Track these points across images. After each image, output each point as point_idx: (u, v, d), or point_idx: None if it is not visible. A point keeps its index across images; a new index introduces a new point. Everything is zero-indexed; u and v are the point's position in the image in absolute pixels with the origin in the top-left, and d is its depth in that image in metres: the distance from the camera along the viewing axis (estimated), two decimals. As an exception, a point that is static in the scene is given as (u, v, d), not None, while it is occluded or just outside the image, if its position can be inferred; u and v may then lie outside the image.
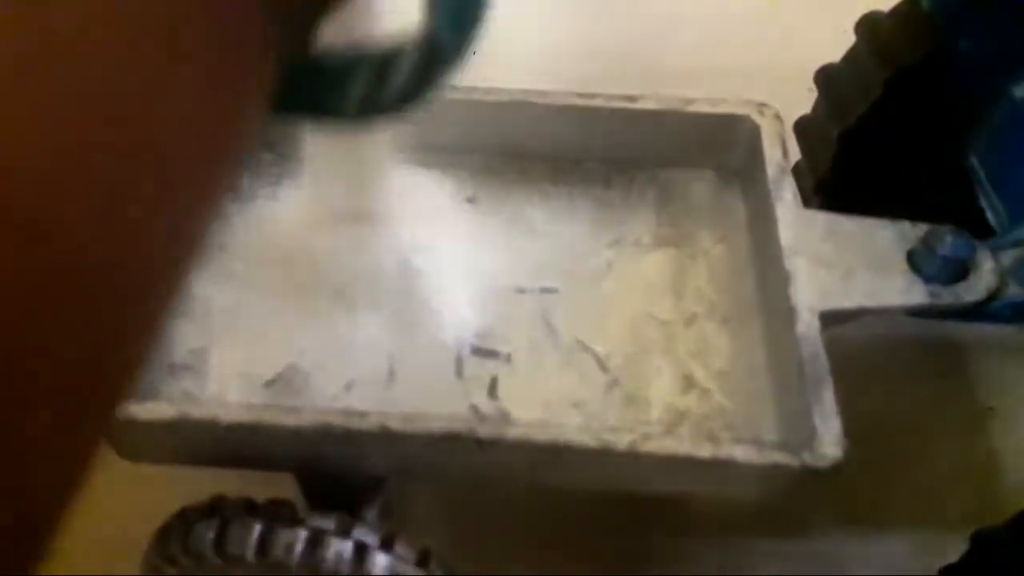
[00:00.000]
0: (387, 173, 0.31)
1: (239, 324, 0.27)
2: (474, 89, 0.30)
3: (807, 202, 0.36)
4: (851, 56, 0.33)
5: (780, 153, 0.29)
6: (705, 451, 0.22)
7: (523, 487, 0.24)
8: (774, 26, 0.47)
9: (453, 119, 0.31)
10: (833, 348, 0.24)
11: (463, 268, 0.28)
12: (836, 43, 0.33)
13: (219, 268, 0.28)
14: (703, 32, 0.47)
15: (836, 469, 0.22)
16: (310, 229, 0.28)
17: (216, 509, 0.24)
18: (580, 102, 0.30)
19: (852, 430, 0.22)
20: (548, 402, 0.25)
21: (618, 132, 0.31)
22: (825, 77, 0.34)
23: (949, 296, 0.25)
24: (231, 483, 0.25)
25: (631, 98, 0.30)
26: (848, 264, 0.26)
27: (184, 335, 0.27)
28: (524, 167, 0.32)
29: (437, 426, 0.22)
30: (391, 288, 0.27)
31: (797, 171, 0.36)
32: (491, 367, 0.26)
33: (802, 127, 0.35)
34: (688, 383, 0.26)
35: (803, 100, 0.35)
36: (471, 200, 0.31)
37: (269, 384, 0.26)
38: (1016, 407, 0.35)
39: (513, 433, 0.22)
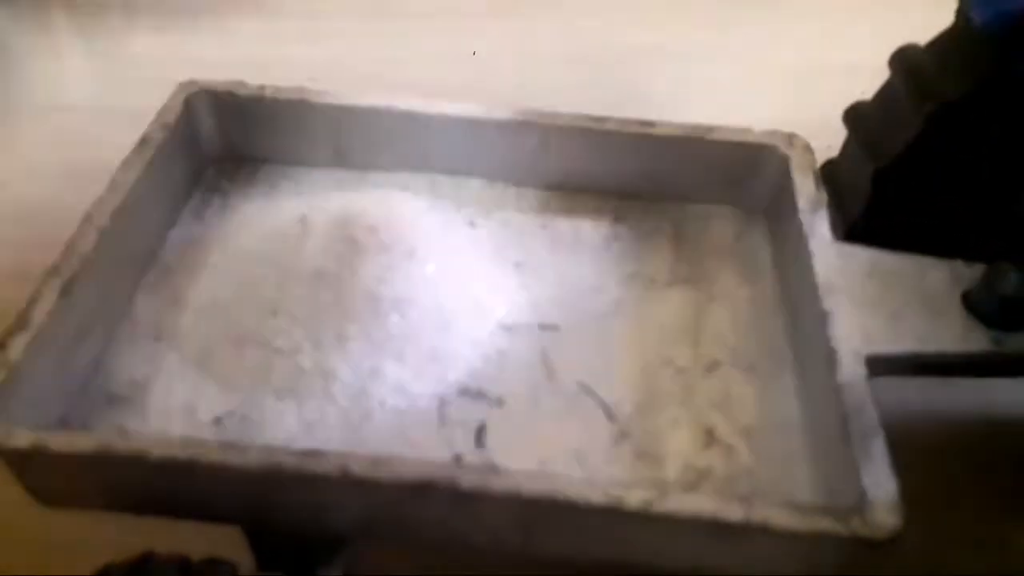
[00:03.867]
0: (376, 192, 0.28)
1: (189, 351, 0.23)
2: (477, 107, 0.28)
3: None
4: (885, 92, 0.30)
5: (813, 185, 0.26)
6: (735, 514, 0.18)
7: (513, 554, 0.20)
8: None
9: (454, 139, 0.28)
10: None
11: (455, 298, 0.25)
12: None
13: (170, 286, 0.25)
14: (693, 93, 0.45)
15: (893, 540, 0.18)
16: (282, 242, 0.25)
17: (143, 568, 0.19)
18: (592, 125, 0.28)
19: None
20: (545, 454, 0.22)
21: (633, 160, 0.28)
22: (855, 116, 0.31)
23: (1015, 343, 0.21)
24: (168, 536, 0.21)
25: (648, 123, 0.28)
26: (896, 305, 0.22)
27: (126, 363, 0.23)
28: (528, 193, 0.29)
29: (409, 472, 0.18)
30: (368, 318, 0.23)
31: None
32: (479, 411, 0.23)
33: (829, 171, 0.32)
34: (709, 438, 0.22)
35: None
36: (471, 225, 0.28)
37: (218, 421, 0.22)
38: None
39: (501, 484, 0.18)
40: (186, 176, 0.28)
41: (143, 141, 0.26)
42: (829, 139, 0.31)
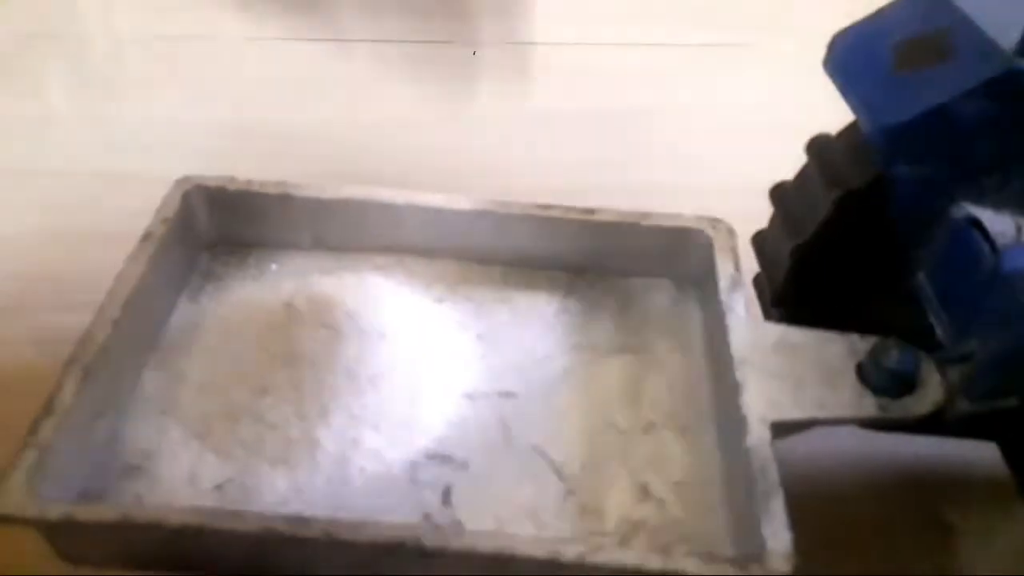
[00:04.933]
0: (353, 275, 0.31)
1: (191, 425, 0.27)
2: (440, 197, 0.31)
3: (767, 312, 0.36)
4: (803, 175, 0.34)
5: (732, 266, 0.30)
6: (655, 563, 0.21)
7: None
8: (736, 145, 0.49)
9: (425, 224, 0.31)
10: (789, 458, 0.24)
11: (423, 371, 0.28)
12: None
13: (173, 365, 0.28)
14: (668, 149, 0.49)
15: (786, 584, 0.21)
16: (270, 327, 0.28)
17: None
18: (539, 212, 0.31)
19: (808, 542, 0.22)
20: (502, 511, 0.25)
21: (578, 241, 0.32)
22: (779, 195, 0.35)
23: (897, 409, 0.25)
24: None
25: (589, 211, 0.32)
26: (799, 376, 0.26)
27: (137, 435, 0.27)
28: (490, 271, 0.32)
29: (383, 535, 0.22)
30: (347, 394, 0.27)
31: (758, 282, 0.37)
32: (446, 473, 0.26)
33: (759, 241, 0.36)
34: (644, 493, 0.26)
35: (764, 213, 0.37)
36: (439, 301, 0.31)
37: (219, 487, 0.25)
38: (977, 525, 0.35)
39: (459, 543, 0.22)
40: (184, 262, 0.31)
41: (146, 236, 0.29)
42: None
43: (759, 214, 0.37)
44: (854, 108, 0.30)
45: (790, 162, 0.35)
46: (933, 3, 0.29)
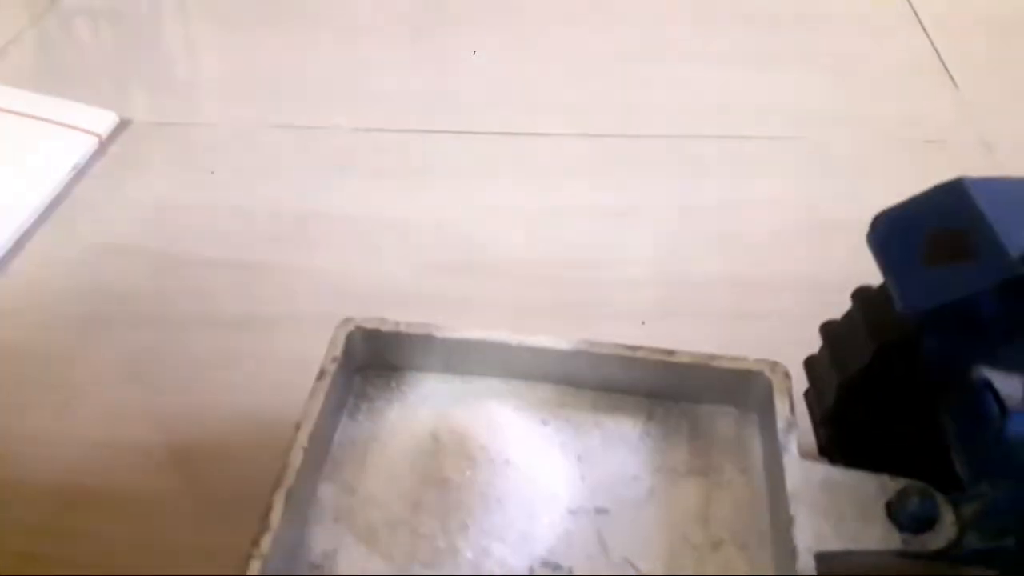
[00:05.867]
0: (476, 402, 0.39)
1: (359, 531, 0.35)
2: (546, 339, 0.39)
3: (815, 428, 0.43)
4: (848, 319, 0.41)
5: (788, 408, 0.37)
6: (722, 670, 0.29)
7: None
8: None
9: (535, 359, 0.39)
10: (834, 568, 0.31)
11: (537, 490, 0.36)
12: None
13: (340, 478, 0.36)
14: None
15: None
16: (420, 453, 0.36)
17: None
18: (627, 353, 0.39)
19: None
20: (602, 613, 0.33)
21: (657, 376, 0.39)
22: (828, 332, 0.42)
23: (916, 544, 0.32)
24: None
25: (669, 352, 0.39)
26: (839, 512, 0.33)
27: (317, 538, 0.35)
28: (585, 399, 0.40)
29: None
30: (480, 512, 0.34)
31: (808, 398, 0.44)
32: (557, 578, 0.34)
33: (811, 366, 0.43)
34: (713, 602, 0.33)
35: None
36: (543, 423, 0.39)
37: (386, 584, 0.33)
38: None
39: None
40: (344, 387, 0.39)
41: (322, 373, 0.37)
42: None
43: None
44: (889, 284, 0.36)
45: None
46: (958, 199, 0.35)
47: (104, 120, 0.66)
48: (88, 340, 0.52)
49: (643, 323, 0.53)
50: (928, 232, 0.36)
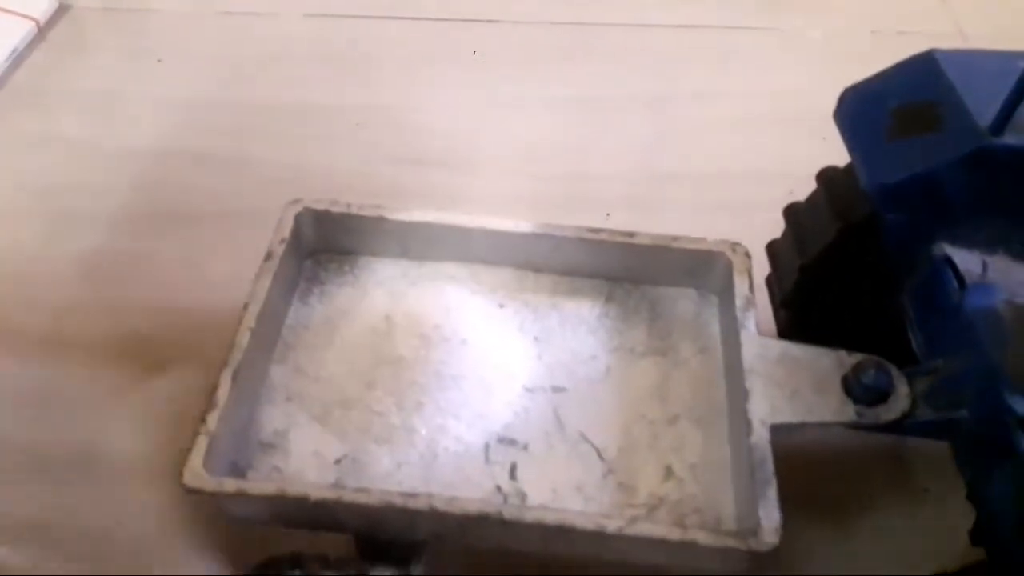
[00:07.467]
0: (433, 285, 0.38)
1: (312, 410, 0.34)
2: (507, 221, 0.38)
3: (775, 311, 0.43)
4: (812, 201, 0.40)
5: (747, 287, 0.36)
6: (675, 535, 0.29)
7: (536, 554, 0.31)
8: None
9: (493, 243, 0.38)
10: (792, 440, 0.31)
11: (493, 369, 0.35)
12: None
13: (293, 360, 0.36)
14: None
15: (774, 552, 0.29)
16: (374, 333, 0.35)
17: (297, 561, 0.31)
18: (588, 235, 0.38)
19: (803, 510, 0.29)
20: (556, 486, 0.32)
21: (618, 258, 0.38)
22: (791, 214, 0.41)
23: (871, 416, 0.32)
24: (293, 539, 0.32)
25: (630, 234, 0.38)
26: (794, 385, 0.33)
27: (269, 418, 0.34)
28: (545, 282, 0.39)
29: (472, 507, 0.29)
30: (435, 389, 0.34)
31: (769, 283, 0.44)
32: (512, 454, 0.33)
33: (773, 250, 0.43)
34: (668, 473, 0.33)
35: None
36: (501, 306, 0.38)
37: (338, 462, 0.33)
38: (946, 489, 0.42)
39: (530, 516, 0.29)
40: (294, 271, 0.38)
41: (269, 255, 0.36)
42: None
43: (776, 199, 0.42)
44: (855, 161, 0.35)
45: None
46: (928, 72, 0.34)
47: (40, 3, 0.62)
48: (34, 237, 0.50)
49: (608, 215, 0.52)
50: (897, 106, 0.35)
